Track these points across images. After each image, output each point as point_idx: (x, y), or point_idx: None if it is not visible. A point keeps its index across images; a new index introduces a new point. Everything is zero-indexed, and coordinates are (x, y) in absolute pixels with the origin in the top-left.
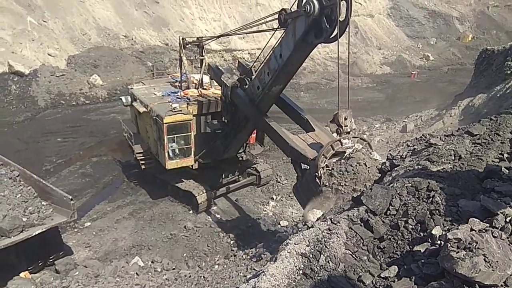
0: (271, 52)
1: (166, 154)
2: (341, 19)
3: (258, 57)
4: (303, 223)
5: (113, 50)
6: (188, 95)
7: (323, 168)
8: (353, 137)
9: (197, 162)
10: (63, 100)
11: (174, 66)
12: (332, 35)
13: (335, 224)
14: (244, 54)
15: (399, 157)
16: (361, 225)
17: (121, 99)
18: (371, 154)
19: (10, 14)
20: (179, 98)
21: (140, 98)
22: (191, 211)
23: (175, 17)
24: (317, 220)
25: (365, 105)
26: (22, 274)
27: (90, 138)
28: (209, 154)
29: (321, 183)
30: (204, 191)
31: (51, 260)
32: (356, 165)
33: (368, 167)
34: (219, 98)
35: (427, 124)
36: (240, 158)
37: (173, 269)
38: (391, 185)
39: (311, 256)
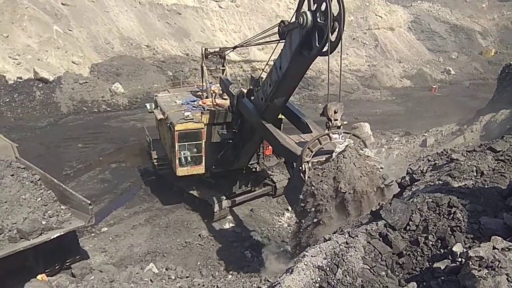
0: (273, 64)
1: (177, 161)
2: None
3: (264, 68)
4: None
5: (135, 60)
6: (205, 104)
7: (308, 162)
8: (344, 132)
9: (208, 171)
10: (85, 107)
11: (193, 76)
12: (326, 47)
13: (353, 237)
14: (263, 65)
15: (420, 171)
16: (379, 240)
17: (146, 105)
18: (363, 150)
19: (38, 22)
20: (195, 107)
21: (160, 105)
22: (206, 220)
23: (196, 28)
24: (334, 233)
25: (384, 118)
26: (39, 277)
27: (110, 144)
28: (220, 163)
29: (306, 178)
30: (220, 200)
31: (67, 264)
32: (341, 162)
33: (358, 167)
34: None
35: (448, 139)
36: (254, 169)
37: (187, 277)
38: (411, 200)
39: (328, 269)
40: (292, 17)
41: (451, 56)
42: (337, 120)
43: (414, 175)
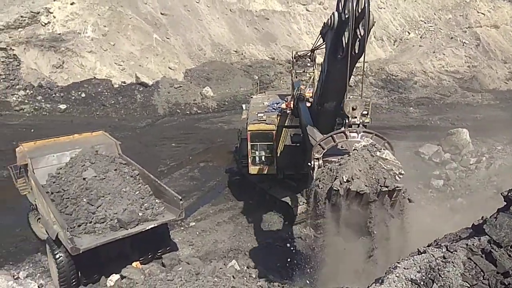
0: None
1: (250, 159)
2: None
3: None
4: None
5: (224, 65)
6: (287, 107)
7: (318, 159)
8: (364, 131)
9: (281, 172)
10: (179, 109)
11: (278, 80)
12: (357, 51)
13: (451, 252)
14: None
15: None
16: (482, 257)
17: (242, 106)
18: (381, 152)
19: (140, 31)
20: (274, 109)
21: (250, 106)
22: (287, 222)
23: (283, 32)
24: (428, 246)
25: (486, 124)
26: (134, 264)
27: (200, 144)
28: (291, 166)
29: (314, 175)
30: (301, 203)
31: (159, 254)
32: (344, 160)
33: (362, 167)
34: None
35: None
36: None
37: (267, 277)
38: None
39: (422, 283)
40: None
41: None
42: (355, 117)
43: None
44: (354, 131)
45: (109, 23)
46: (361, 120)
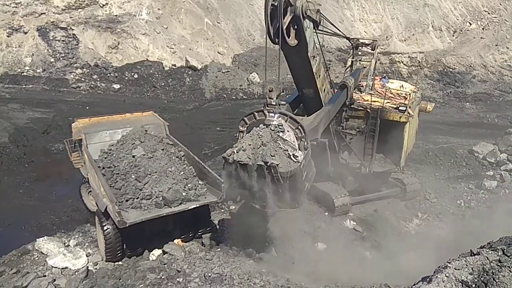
0: None
1: None
2: None
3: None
4: None
5: (272, 51)
6: None
7: (242, 132)
8: (280, 113)
9: None
10: (225, 94)
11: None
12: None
13: (508, 256)
14: (403, 58)
15: None
16: None
17: None
18: (283, 133)
19: (192, 15)
20: None
21: None
22: (326, 213)
23: (335, 19)
24: (482, 247)
25: None
26: (175, 241)
27: None
28: None
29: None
30: (342, 195)
31: (199, 234)
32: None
33: (253, 142)
34: None
35: None
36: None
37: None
38: None
39: (473, 286)
40: None
41: None
42: (272, 98)
43: None
44: (271, 111)
45: (163, 6)
46: (277, 101)
